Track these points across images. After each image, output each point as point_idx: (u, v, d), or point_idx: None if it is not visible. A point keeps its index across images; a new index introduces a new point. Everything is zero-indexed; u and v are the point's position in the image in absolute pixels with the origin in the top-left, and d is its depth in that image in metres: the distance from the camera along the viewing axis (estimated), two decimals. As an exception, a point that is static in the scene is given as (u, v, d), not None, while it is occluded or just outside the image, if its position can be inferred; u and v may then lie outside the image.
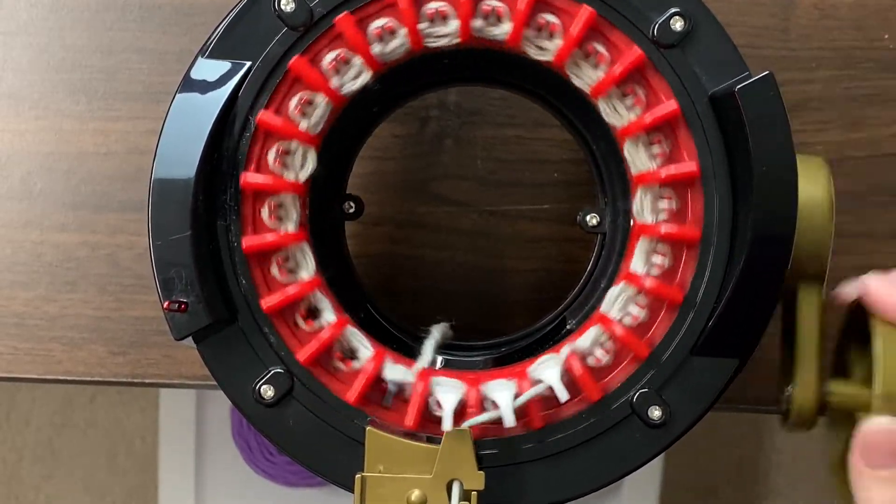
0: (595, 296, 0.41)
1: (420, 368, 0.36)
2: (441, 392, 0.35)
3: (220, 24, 0.36)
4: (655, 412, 0.35)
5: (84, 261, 0.49)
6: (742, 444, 1.06)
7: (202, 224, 0.35)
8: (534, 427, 0.36)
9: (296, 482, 0.90)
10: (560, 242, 0.49)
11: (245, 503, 0.91)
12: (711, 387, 0.35)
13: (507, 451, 0.36)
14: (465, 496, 0.33)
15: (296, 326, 0.36)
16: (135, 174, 0.49)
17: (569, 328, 0.41)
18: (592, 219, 0.42)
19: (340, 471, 0.36)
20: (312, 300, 0.36)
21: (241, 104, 0.36)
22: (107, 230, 0.49)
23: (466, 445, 0.34)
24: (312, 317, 0.36)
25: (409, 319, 0.46)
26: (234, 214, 0.36)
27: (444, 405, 0.35)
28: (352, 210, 0.44)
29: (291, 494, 0.91)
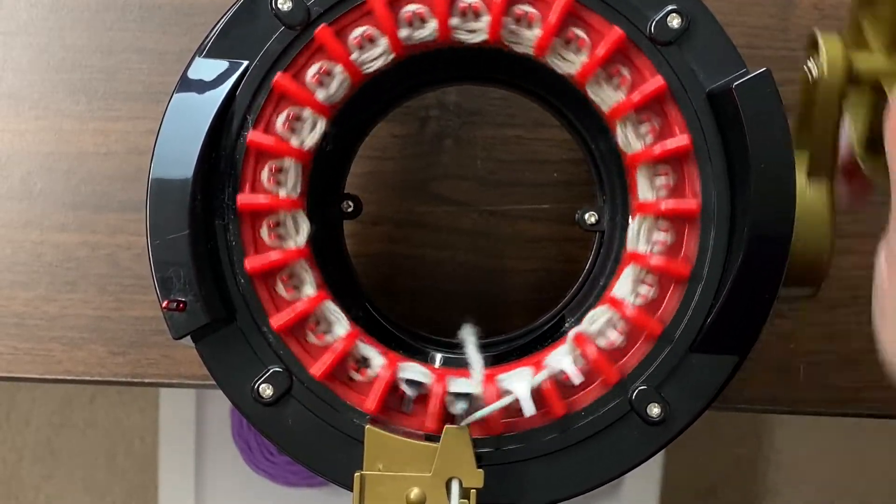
0: (594, 294, 0.41)
1: (481, 376, 0.35)
2: (508, 383, 0.35)
3: (218, 24, 0.36)
4: (654, 409, 0.35)
5: (84, 261, 0.49)
6: (741, 444, 1.06)
7: (200, 223, 0.35)
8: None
9: (296, 482, 0.90)
10: (560, 242, 0.49)
11: (245, 503, 0.91)
12: (710, 384, 0.35)
13: (506, 449, 0.36)
14: (465, 494, 0.33)
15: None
16: (135, 174, 0.49)
17: (567, 326, 0.41)
18: (591, 217, 0.43)
19: (339, 469, 0.35)
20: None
21: (239, 103, 0.36)
22: (107, 230, 0.49)
23: (465, 443, 0.34)
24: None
25: (409, 319, 0.46)
26: (232, 214, 0.36)
27: (518, 392, 0.34)
28: (350, 209, 0.44)
29: (291, 494, 0.91)
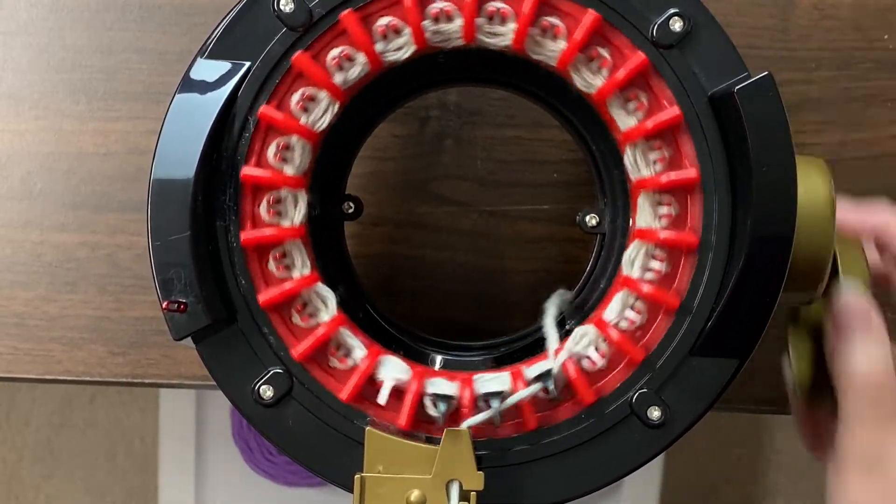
0: (594, 296, 0.41)
1: (554, 348, 0.36)
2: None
3: (220, 25, 0.36)
4: (655, 412, 0.35)
5: (84, 261, 0.49)
6: (742, 444, 1.06)
7: (201, 224, 0.35)
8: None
9: (296, 482, 0.90)
10: (560, 243, 0.49)
11: (245, 503, 0.91)
12: (711, 387, 0.35)
13: (507, 452, 0.36)
14: (465, 496, 0.33)
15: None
16: (135, 174, 0.49)
17: (567, 328, 0.41)
18: (592, 219, 0.42)
19: (340, 471, 0.36)
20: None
21: (241, 104, 0.36)
22: (107, 230, 0.49)
23: (465, 445, 0.34)
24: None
25: (409, 319, 0.46)
26: (234, 215, 0.36)
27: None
28: (351, 210, 0.44)
29: (291, 494, 0.91)
